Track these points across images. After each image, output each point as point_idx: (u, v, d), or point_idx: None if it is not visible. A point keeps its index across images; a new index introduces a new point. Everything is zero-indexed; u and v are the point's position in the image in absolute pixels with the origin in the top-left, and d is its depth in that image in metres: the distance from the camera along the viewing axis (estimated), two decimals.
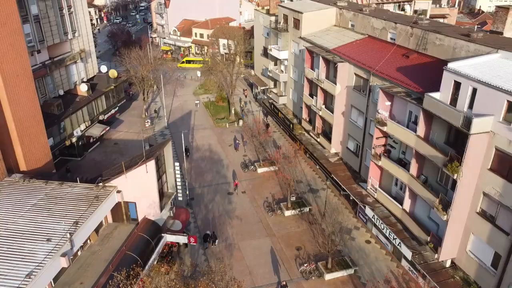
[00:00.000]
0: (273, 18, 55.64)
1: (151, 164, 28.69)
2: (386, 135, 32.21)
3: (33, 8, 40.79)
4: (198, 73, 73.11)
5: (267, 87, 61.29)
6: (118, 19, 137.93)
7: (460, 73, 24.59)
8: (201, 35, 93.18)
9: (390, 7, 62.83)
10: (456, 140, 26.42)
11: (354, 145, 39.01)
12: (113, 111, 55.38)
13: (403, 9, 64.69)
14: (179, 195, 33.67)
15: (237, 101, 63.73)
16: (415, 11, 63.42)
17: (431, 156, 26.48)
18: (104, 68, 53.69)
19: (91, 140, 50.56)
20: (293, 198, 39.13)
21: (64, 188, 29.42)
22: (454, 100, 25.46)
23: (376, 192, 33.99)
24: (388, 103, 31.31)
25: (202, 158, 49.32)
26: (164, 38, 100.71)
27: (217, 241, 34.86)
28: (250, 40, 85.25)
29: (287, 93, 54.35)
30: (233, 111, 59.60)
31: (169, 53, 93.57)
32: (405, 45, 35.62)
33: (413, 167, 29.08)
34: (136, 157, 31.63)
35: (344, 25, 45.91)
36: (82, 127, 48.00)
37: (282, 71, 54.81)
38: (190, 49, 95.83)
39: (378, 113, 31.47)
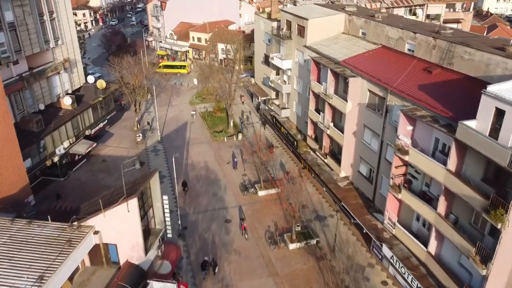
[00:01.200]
0: (275, 24, 51.33)
1: (133, 202, 24.39)
2: (407, 163, 27.92)
3: (8, 15, 36.51)
4: (195, 81, 68.82)
5: (268, 97, 56.97)
6: (114, 21, 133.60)
7: (503, 99, 20.27)
8: (199, 39, 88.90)
9: (400, 12, 58.61)
10: (496, 178, 22.15)
11: (367, 170, 34.72)
12: (101, 125, 51.09)
13: (414, 14, 60.44)
14: (168, 231, 29.36)
15: (236, 112, 59.37)
16: (428, 16, 59.25)
17: (466, 197, 22.19)
18: (91, 79, 49.35)
19: (76, 157, 46.27)
20: (298, 228, 34.89)
21: (33, 229, 25.08)
22: (495, 131, 21.14)
23: (394, 228, 29.70)
24: (410, 127, 27.03)
25: (198, 177, 45.01)
26: (161, 41, 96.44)
27: (217, 268, 31.00)
28: (251, 45, 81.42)
29: (290, 106, 50.04)
30: (231, 124, 55.29)
31: (165, 57, 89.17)
32: (426, 58, 31.34)
33: (441, 205, 24.80)
34: (117, 190, 27.32)
35: (354, 33, 41.62)
36: (66, 144, 43.73)
37: (284, 81, 50.50)
38: (188, 54, 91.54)
39: (399, 139, 27.19)
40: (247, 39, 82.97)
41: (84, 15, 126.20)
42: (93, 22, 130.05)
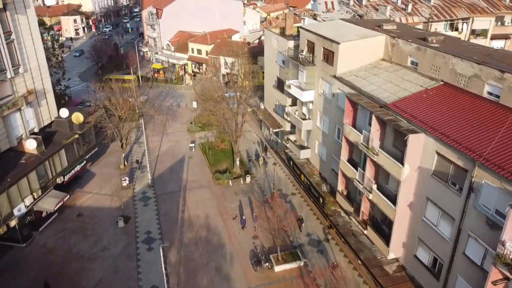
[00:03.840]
0: (291, 43, 41.80)
1: None
2: None
3: None
4: (194, 104, 59.27)
5: (281, 129, 47.39)
6: (108, 27, 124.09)
7: None
8: (199, 51, 79.42)
9: (439, 26, 49.21)
10: None
11: (430, 258, 25.17)
12: (78, 168, 41.56)
13: (456, 29, 51.06)
14: None
15: (243, 142, 49.73)
16: (473, 31, 49.84)
17: None
18: (64, 112, 39.75)
19: (44, 213, 36.82)
20: None
21: None
22: None
23: None
24: None
25: (196, 241, 35.48)
26: (157, 53, 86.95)
27: None
28: (257, 59, 71.96)
29: (311, 145, 40.47)
30: (237, 162, 45.74)
31: (161, 71, 79.64)
32: None
33: None
34: None
35: (399, 61, 32.11)
36: (28, 201, 34.22)
37: (304, 115, 40.93)
38: (186, 67, 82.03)
39: (503, 246, 17.67)
40: (253, 51, 73.76)
41: (75, 21, 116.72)
42: (85, 28, 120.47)
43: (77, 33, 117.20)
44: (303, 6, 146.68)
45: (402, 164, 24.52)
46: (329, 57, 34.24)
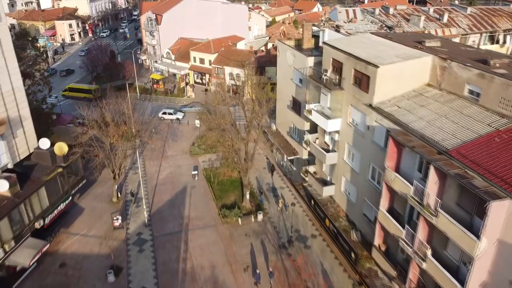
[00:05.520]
0: (311, 61, 35.78)
1: None
2: None
3: None
4: (197, 122, 53.25)
5: (297, 156, 41.34)
6: (105, 32, 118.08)
7: None
8: (202, 60, 73.45)
9: (477, 39, 43.19)
10: None
11: None
12: (62, 206, 35.56)
13: (497, 42, 45.04)
14: None
15: (253, 174, 43.65)
16: None
17: None
18: (45, 143, 33.73)
19: (18, 268, 30.76)
20: None
21: None
22: None
23: None
24: None
25: None
26: (156, 61, 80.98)
27: None
28: (265, 69, 66.10)
29: (336, 181, 34.42)
30: (247, 195, 39.71)
31: (160, 82, 73.58)
32: None
33: None
34: None
35: (451, 87, 26.05)
36: None
37: (327, 145, 34.87)
38: (188, 77, 76.02)
39: None
40: (260, 61, 67.82)
41: (70, 25, 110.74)
42: (81, 33, 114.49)
43: (72, 38, 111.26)
44: (309, 10, 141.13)
45: (478, 236, 18.45)
46: (362, 81, 28.18)
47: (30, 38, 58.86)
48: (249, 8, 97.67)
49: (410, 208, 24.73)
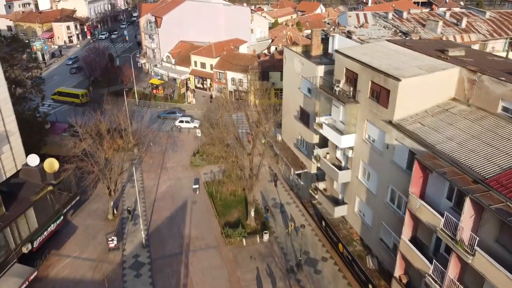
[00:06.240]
0: (321, 70, 33.18)
1: None
2: None
3: None
4: (198, 132, 50.58)
5: (305, 170, 38.70)
6: (104, 34, 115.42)
7: None
8: (203, 65, 70.81)
9: (498, 45, 40.56)
10: None
11: None
12: (53, 227, 32.96)
13: None
14: None
15: (257, 189, 40.94)
16: None
17: None
18: (34, 160, 31.18)
19: None
20: None
21: None
22: None
23: None
24: None
25: None
26: (156, 65, 78.38)
27: None
28: (269, 75, 63.56)
29: (349, 200, 31.78)
30: (252, 213, 37.12)
31: (160, 87, 70.93)
32: None
33: None
34: None
35: (481, 103, 23.44)
36: None
37: (338, 161, 32.24)
38: (189, 82, 73.41)
39: None
40: (263, 66, 65.19)
41: (68, 28, 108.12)
42: (80, 35, 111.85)
43: (70, 41, 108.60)
44: (312, 11, 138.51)
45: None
46: (381, 95, 25.55)
47: (22, 44, 56.22)
48: (251, 10, 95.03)
49: (436, 238, 22.11)
